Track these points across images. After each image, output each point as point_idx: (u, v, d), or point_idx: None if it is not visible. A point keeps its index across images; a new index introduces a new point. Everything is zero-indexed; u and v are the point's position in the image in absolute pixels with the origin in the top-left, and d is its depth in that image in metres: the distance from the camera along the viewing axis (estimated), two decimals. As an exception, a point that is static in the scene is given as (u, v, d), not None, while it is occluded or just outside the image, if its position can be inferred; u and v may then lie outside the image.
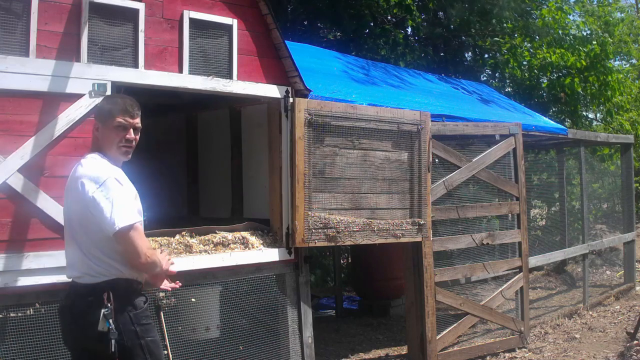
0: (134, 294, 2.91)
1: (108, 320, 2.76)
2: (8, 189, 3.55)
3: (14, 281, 3.54)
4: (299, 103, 4.85)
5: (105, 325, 2.75)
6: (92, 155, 2.96)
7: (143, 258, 2.80)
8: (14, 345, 3.55)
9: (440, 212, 5.83)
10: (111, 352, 2.73)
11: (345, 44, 10.62)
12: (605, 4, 12.64)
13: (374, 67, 8.21)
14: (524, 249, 6.45)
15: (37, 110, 3.67)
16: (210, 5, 4.50)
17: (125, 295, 2.86)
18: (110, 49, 4.00)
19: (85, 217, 2.82)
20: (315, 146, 4.93)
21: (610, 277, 10.08)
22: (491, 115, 7.24)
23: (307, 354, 4.99)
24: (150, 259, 2.84)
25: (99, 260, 2.84)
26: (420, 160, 5.57)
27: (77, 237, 2.88)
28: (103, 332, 2.75)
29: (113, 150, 2.96)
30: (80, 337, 2.85)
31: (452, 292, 6.06)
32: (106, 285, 2.82)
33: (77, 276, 2.89)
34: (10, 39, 3.62)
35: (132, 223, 2.77)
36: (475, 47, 12.43)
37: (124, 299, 2.85)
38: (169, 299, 4.67)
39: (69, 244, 2.95)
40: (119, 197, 2.79)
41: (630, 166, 9.34)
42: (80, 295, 2.84)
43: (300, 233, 4.80)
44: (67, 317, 2.90)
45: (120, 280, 2.85)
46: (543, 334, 6.79)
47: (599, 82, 11.26)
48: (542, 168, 10.28)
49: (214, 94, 4.57)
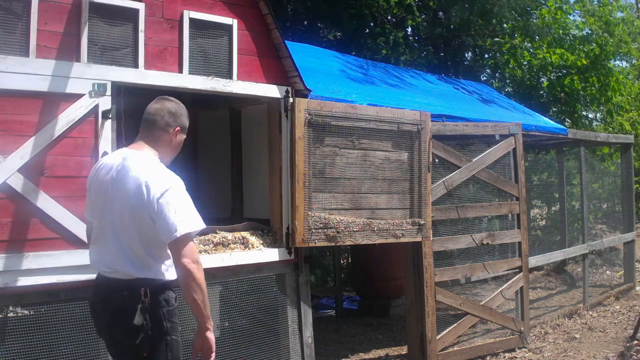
0: (168, 290, 2.93)
1: (144, 314, 2.78)
2: (8, 189, 3.55)
3: (14, 281, 3.54)
4: (299, 103, 4.85)
5: (141, 319, 2.77)
6: (149, 155, 2.96)
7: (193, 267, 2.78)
8: (14, 345, 3.55)
9: (440, 212, 5.83)
10: (141, 345, 2.78)
11: (345, 44, 10.62)
12: (606, 3, 12.63)
13: (373, 67, 8.21)
14: (524, 249, 6.45)
15: (37, 110, 3.67)
16: (210, 5, 4.50)
17: (160, 291, 2.88)
18: (110, 49, 4.00)
19: (141, 218, 2.81)
20: (315, 146, 4.93)
21: (610, 277, 10.08)
22: (491, 115, 7.24)
23: (307, 354, 4.99)
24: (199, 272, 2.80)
25: (142, 260, 2.85)
26: (420, 160, 5.57)
27: (119, 233, 2.86)
28: (138, 325, 2.77)
29: (173, 153, 3.08)
30: (113, 328, 2.87)
31: (452, 292, 6.06)
32: (143, 282, 2.83)
33: (108, 271, 2.89)
34: (10, 39, 3.62)
35: (191, 231, 2.81)
36: (476, 47, 12.42)
37: (159, 295, 2.87)
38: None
39: (104, 237, 2.91)
40: (183, 205, 2.84)
41: (630, 166, 9.35)
42: (114, 290, 2.85)
43: (300, 233, 4.80)
44: (99, 309, 2.92)
45: (157, 280, 2.88)
46: (543, 334, 6.79)
47: (599, 83, 11.26)
48: (542, 168, 10.28)
49: (214, 94, 4.57)
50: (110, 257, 2.88)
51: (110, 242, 2.89)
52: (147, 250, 2.86)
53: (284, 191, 4.87)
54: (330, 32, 11.67)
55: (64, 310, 3.73)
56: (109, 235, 2.89)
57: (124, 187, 2.85)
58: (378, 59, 9.57)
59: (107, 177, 2.92)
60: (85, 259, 3.75)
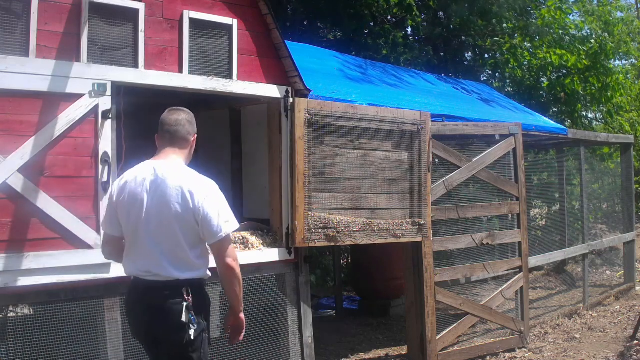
0: (204, 287, 3.17)
1: (190, 312, 2.99)
2: (8, 189, 3.55)
3: (14, 281, 3.54)
4: (299, 103, 4.85)
5: (188, 317, 2.98)
6: (180, 163, 3.19)
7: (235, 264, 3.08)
8: (14, 345, 3.55)
9: (440, 212, 5.83)
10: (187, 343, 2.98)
11: (345, 44, 10.62)
12: (605, 3, 12.64)
13: (372, 66, 8.21)
14: (524, 249, 6.45)
15: (37, 110, 3.67)
16: (210, 5, 4.50)
17: (201, 290, 3.12)
18: (110, 49, 4.00)
19: (187, 223, 3.02)
20: (315, 146, 4.93)
21: (610, 277, 10.08)
22: (491, 115, 7.24)
23: (307, 354, 4.99)
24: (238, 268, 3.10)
25: (185, 261, 3.04)
26: (420, 160, 5.57)
27: (159, 239, 3.02)
28: (184, 323, 2.96)
29: (190, 158, 3.35)
30: (154, 327, 3.02)
31: (452, 292, 6.06)
32: (184, 282, 3.03)
33: (146, 275, 3.03)
34: (10, 39, 3.62)
35: (231, 232, 3.08)
36: (476, 47, 12.43)
37: (201, 293, 3.11)
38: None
39: (141, 245, 3.05)
40: (223, 207, 3.11)
41: (630, 166, 9.34)
42: (155, 290, 3.01)
43: (300, 233, 4.80)
44: (139, 310, 3.06)
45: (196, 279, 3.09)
46: (543, 334, 6.79)
47: (599, 83, 11.26)
48: (542, 168, 10.28)
49: (214, 94, 4.57)
50: (148, 262, 3.04)
51: (147, 248, 3.04)
52: (192, 252, 3.06)
53: (284, 191, 4.87)
54: (330, 32, 11.68)
55: (64, 310, 3.73)
56: (146, 242, 3.04)
57: (165, 197, 3.03)
58: (378, 59, 9.57)
59: (140, 190, 3.07)
60: (85, 259, 3.78)
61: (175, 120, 3.25)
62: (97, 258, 3.83)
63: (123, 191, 3.11)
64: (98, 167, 3.87)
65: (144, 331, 3.10)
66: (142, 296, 3.04)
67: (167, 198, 3.03)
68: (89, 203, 3.84)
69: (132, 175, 3.13)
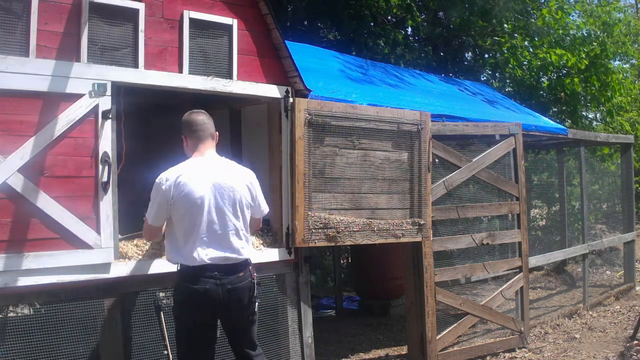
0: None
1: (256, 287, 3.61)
2: (8, 189, 3.55)
3: (14, 281, 3.54)
4: (299, 103, 4.85)
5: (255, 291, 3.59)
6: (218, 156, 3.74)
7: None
8: (14, 345, 3.55)
9: (440, 212, 5.83)
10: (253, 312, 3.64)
11: (345, 44, 10.62)
12: (605, 4, 12.64)
13: (373, 66, 8.21)
14: (524, 249, 6.45)
15: (37, 110, 3.67)
16: (210, 5, 4.50)
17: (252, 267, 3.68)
18: (110, 49, 4.00)
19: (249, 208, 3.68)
20: (315, 146, 4.93)
21: (610, 277, 10.08)
22: (491, 115, 7.24)
23: (307, 354, 4.99)
24: None
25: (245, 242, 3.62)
26: (420, 160, 5.57)
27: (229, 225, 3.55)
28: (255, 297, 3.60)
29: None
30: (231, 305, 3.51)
31: (452, 292, 6.06)
32: (247, 262, 3.63)
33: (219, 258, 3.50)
34: (10, 39, 3.61)
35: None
36: (476, 47, 12.42)
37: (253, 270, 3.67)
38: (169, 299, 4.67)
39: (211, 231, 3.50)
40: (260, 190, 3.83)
41: (630, 166, 9.34)
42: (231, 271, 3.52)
43: (300, 233, 4.80)
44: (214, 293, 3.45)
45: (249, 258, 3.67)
46: (543, 334, 6.79)
47: (599, 83, 11.26)
48: (542, 168, 10.28)
49: (214, 94, 4.57)
50: (222, 248, 3.52)
51: (219, 235, 3.52)
52: (248, 233, 3.69)
53: (284, 191, 4.87)
54: (330, 32, 11.67)
55: (64, 310, 3.73)
56: (218, 230, 3.52)
57: (235, 187, 3.60)
58: (378, 59, 9.57)
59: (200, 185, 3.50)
60: (85, 259, 3.78)
61: (202, 120, 3.69)
62: (97, 258, 3.84)
63: (180, 188, 3.47)
64: (98, 167, 3.87)
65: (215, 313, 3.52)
66: (220, 279, 3.46)
67: (235, 189, 3.58)
68: (89, 203, 3.84)
69: (185, 172, 3.52)
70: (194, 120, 3.68)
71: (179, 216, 3.49)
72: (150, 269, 4.09)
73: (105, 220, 3.88)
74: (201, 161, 3.61)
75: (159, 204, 3.51)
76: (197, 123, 3.67)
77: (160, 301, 4.22)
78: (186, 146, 3.72)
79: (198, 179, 3.51)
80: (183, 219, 3.49)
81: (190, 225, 3.48)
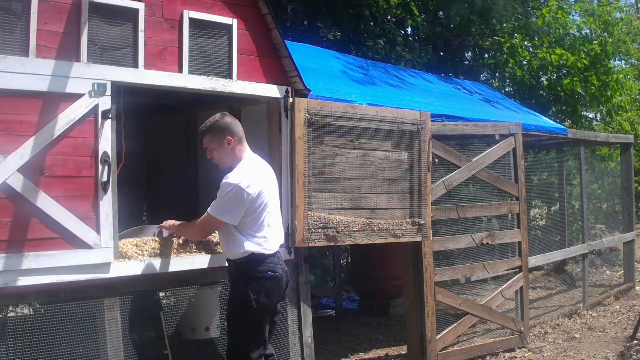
0: None
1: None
2: (8, 189, 3.55)
3: (14, 281, 3.54)
4: (299, 103, 4.85)
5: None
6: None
7: None
8: (14, 345, 3.55)
9: (440, 212, 5.83)
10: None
11: (345, 44, 10.61)
12: (605, 3, 12.62)
13: (373, 67, 8.20)
14: (524, 249, 6.45)
15: (37, 110, 3.67)
16: (210, 5, 4.50)
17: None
18: (110, 49, 3.99)
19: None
20: (315, 146, 4.93)
21: (610, 277, 10.08)
22: (491, 115, 7.24)
23: (307, 354, 4.99)
24: None
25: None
26: (420, 160, 5.57)
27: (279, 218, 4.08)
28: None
29: None
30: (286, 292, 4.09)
31: (452, 292, 6.06)
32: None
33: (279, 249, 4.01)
34: (10, 39, 3.61)
35: None
36: (476, 47, 12.42)
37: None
38: (169, 299, 4.67)
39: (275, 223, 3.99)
40: None
41: (630, 166, 9.34)
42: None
43: (300, 233, 4.80)
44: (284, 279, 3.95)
45: None
46: (543, 334, 6.79)
47: (599, 83, 11.25)
48: (542, 168, 10.28)
49: (214, 94, 4.56)
50: (279, 236, 4.05)
51: (279, 227, 4.06)
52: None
53: (284, 191, 4.86)
54: (330, 32, 11.67)
55: (64, 310, 3.73)
56: (278, 222, 4.06)
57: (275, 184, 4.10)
58: (378, 59, 9.57)
59: (267, 182, 3.95)
60: (85, 259, 3.78)
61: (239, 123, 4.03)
62: (97, 258, 3.84)
63: (259, 185, 3.83)
64: (98, 167, 3.87)
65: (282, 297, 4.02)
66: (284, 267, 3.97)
67: (275, 185, 4.08)
68: (89, 203, 3.84)
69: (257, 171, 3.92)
70: (237, 123, 3.97)
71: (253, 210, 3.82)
72: (150, 269, 4.09)
73: (105, 220, 3.88)
74: (257, 161, 4.00)
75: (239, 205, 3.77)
76: (239, 125, 3.98)
77: (160, 301, 4.23)
78: (230, 148, 3.90)
79: (265, 177, 3.94)
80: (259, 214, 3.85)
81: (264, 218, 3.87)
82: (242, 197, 3.74)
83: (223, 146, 3.88)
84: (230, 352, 3.86)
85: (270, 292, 3.85)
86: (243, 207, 3.77)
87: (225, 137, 3.87)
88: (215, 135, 3.88)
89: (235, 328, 3.84)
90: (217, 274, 4.50)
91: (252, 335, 3.81)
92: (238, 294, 3.84)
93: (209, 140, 3.91)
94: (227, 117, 3.95)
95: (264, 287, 3.81)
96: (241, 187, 3.73)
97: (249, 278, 3.80)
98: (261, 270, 3.83)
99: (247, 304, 3.77)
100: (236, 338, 3.83)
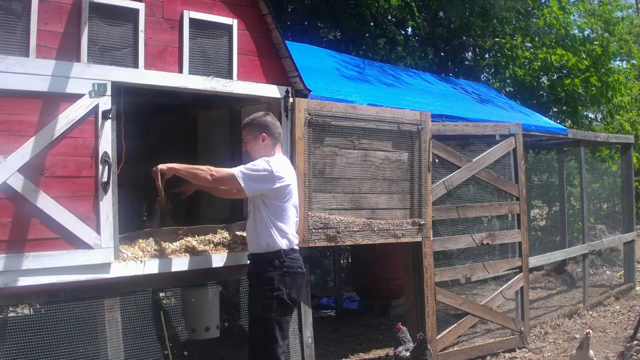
0: None
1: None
2: (8, 189, 3.54)
3: (14, 281, 3.53)
4: (299, 103, 4.85)
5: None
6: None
7: None
8: (14, 345, 3.55)
9: (440, 212, 5.83)
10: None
11: (345, 44, 10.62)
12: (606, 2, 12.63)
13: (369, 66, 8.20)
14: (524, 249, 6.45)
15: (37, 110, 3.67)
16: (210, 5, 4.50)
17: None
18: (110, 49, 3.99)
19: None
20: (315, 146, 4.93)
21: (610, 277, 10.08)
22: (491, 115, 7.24)
23: (307, 354, 4.99)
24: None
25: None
26: (420, 160, 5.57)
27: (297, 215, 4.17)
28: None
29: None
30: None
31: (452, 292, 6.06)
32: None
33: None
34: (10, 39, 3.61)
35: None
36: (476, 47, 12.42)
37: None
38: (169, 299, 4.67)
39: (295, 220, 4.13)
40: None
41: (630, 166, 9.34)
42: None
43: (300, 233, 4.80)
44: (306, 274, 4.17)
45: None
46: (543, 334, 6.79)
47: (600, 83, 11.25)
48: (542, 168, 10.28)
49: (214, 94, 4.56)
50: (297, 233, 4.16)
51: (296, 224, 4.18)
52: None
53: (284, 191, 4.86)
54: (330, 32, 11.67)
55: (64, 310, 3.73)
56: (296, 219, 4.16)
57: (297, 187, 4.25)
58: (378, 59, 9.57)
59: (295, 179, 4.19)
60: (85, 259, 3.78)
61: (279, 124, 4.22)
62: (97, 258, 3.83)
63: (288, 178, 4.03)
64: (98, 167, 3.87)
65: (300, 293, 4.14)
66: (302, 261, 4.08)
67: (297, 187, 4.19)
68: (89, 203, 3.83)
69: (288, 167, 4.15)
70: (276, 124, 4.18)
71: (281, 197, 3.98)
72: (150, 269, 4.08)
73: (105, 220, 3.88)
74: (287, 161, 4.24)
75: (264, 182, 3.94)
76: (278, 127, 4.18)
77: (160, 301, 4.23)
78: (263, 144, 4.10)
79: (293, 176, 4.14)
80: (286, 203, 4.00)
81: (289, 211, 4.04)
82: (272, 177, 3.95)
83: (257, 141, 4.11)
84: (255, 349, 3.87)
85: (299, 287, 4.03)
86: (266, 187, 3.95)
87: (261, 133, 4.10)
88: (252, 130, 4.13)
89: (261, 325, 3.86)
90: (217, 274, 4.50)
91: (279, 331, 3.85)
92: (267, 290, 3.86)
93: (247, 132, 4.17)
94: (269, 116, 4.19)
95: (295, 282, 3.95)
96: (274, 170, 3.96)
97: (282, 273, 3.90)
98: (292, 266, 3.96)
99: (279, 298, 3.84)
100: (265, 335, 3.84)
